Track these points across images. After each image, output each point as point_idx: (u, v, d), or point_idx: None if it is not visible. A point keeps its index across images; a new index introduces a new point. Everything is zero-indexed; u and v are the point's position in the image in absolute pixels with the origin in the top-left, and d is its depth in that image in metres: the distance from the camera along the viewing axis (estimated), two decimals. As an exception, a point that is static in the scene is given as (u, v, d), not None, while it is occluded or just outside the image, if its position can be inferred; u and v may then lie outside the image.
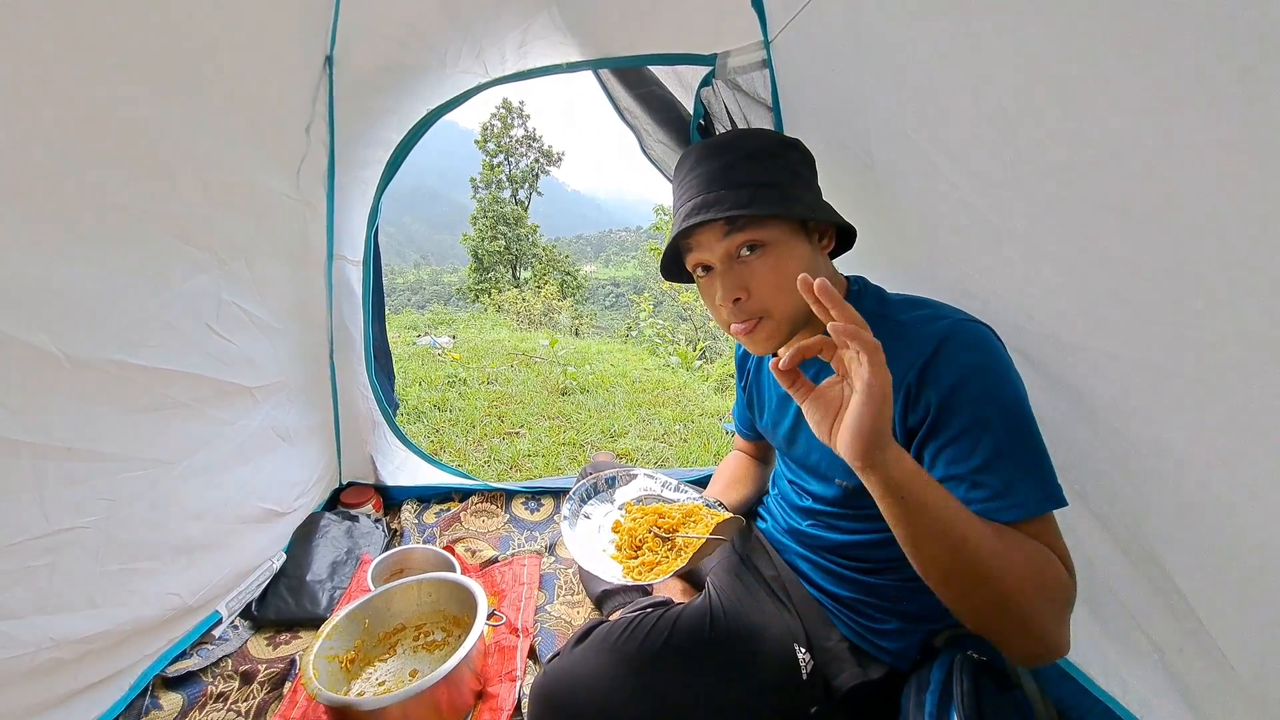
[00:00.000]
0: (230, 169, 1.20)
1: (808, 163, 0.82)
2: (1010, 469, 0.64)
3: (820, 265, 0.80)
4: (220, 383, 1.21)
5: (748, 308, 0.76)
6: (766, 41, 1.41)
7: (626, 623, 0.87)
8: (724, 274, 0.76)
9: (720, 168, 0.77)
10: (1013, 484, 0.63)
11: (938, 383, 0.67)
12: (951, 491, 0.63)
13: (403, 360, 4.49)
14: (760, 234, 0.74)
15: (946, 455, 0.67)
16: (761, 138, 0.80)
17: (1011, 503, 0.63)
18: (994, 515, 0.63)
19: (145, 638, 1.06)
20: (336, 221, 1.60)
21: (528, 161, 23.93)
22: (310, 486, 1.59)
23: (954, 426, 0.66)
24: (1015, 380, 0.68)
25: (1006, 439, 0.64)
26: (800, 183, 0.78)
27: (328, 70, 1.45)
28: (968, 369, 0.67)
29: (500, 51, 1.50)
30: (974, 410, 0.65)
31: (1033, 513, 0.63)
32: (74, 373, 0.88)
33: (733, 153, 0.78)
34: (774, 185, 0.75)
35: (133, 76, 0.95)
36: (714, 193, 0.75)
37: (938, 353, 0.68)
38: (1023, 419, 0.66)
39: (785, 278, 0.74)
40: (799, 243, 0.76)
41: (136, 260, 1.00)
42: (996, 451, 0.64)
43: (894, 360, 0.71)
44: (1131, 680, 0.82)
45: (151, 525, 1.06)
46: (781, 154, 0.79)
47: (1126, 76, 0.62)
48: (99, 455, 0.95)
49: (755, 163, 0.77)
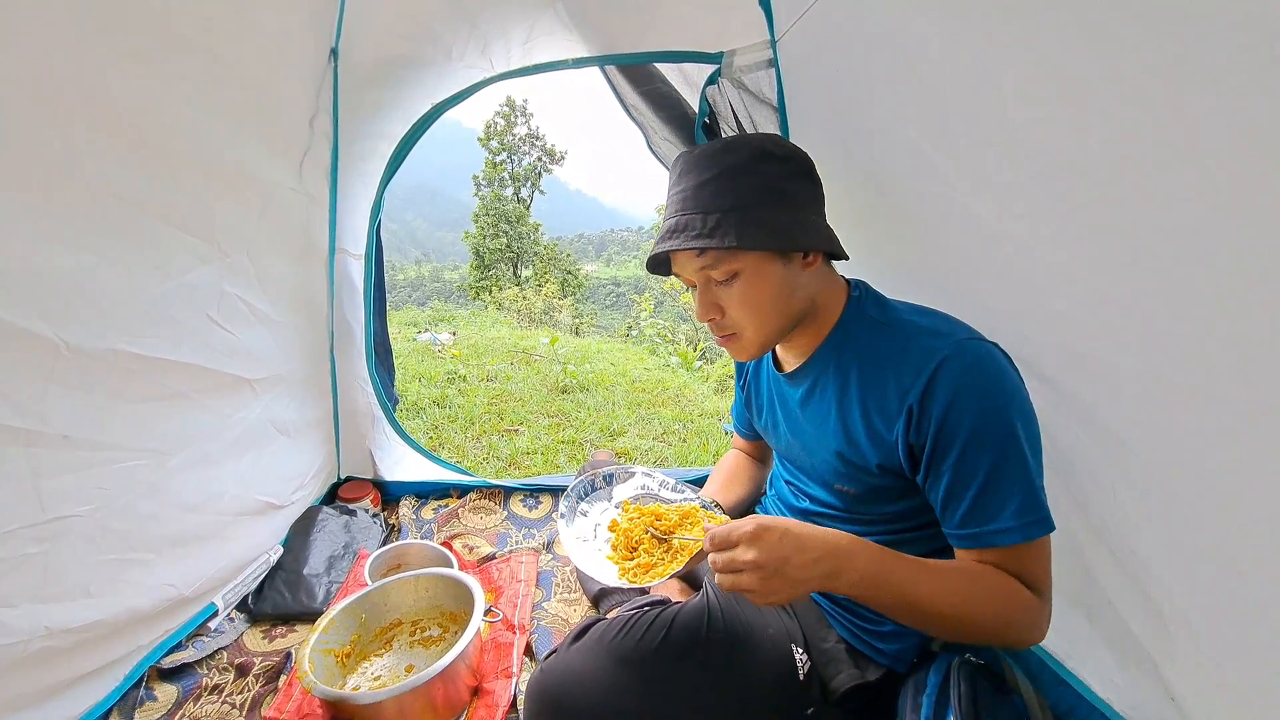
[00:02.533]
0: (233, 160, 1.19)
1: (792, 172, 0.76)
2: (999, 498, 0.67)
3: (800, 283, 0.77)
4: (220, 374, 1.20)
5: (723, 325, 0.79)
6: (773, 40, 1.41)
7: (623, 621, 0.86)
8: (700, 294, 0.79)
9: (694, 187, 0.75)
10: (1001, 512, 0.67)
11: (937, 406, 0.69)
12: (949, 514, 0.71)
13: (403, 356, 4.49)
14: (729, 264, 0.74)
15: (946, 480, 0.70)
16: (739, 151, 0.75)
17: (1000, 529, 0.67)
18: (984, 542, 0.68)
19: (140, 628, 1.06)
20: (339, 215, 1.59)
21: (530, 160, 23.91)
22: (308, 480, 1.58)
23: (951, 452, 0.68)
24: (1016, 404, 0.68)
25: (999, 466, 0.67)
26: (773, 201, 0.74)
27: (332, 63, 1.45)
28: (965, 393, 0.68)
29: (506, 46, 1.49)
30: (968, 436, 0.67)
31: (1018, 540, 0.67)
32: (72, 360, 0.88)
33: (709, 170, 0.75)
34: (741, 209, 0.72)
35: (136, 64, 0.95)
36: (685, 216, 0.75)
37: (938, 372, 0.69)
38: (1016, 445, 0.67)
39: (756, 304, 0.75)
40: (771, 267, 0.74)
41: (138, 250, 0.99)
42: (989, 479, 0.67)
43: (895, 377, 0.73)
44: (1126, 686, 0.82)
45: (148, 515, 1.05)
46: (756, 169, 0.74)
47: (1134, 79, 0.61)
48: (96, 444, 0.94)
49: (726, 182, 0.74)
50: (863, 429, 0.77)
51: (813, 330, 0.83)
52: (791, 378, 0.88)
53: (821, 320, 0.82)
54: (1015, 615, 0.67)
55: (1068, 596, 0.91)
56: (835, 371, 0.81)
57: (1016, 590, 0.67)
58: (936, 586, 0.67)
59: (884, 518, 0.82)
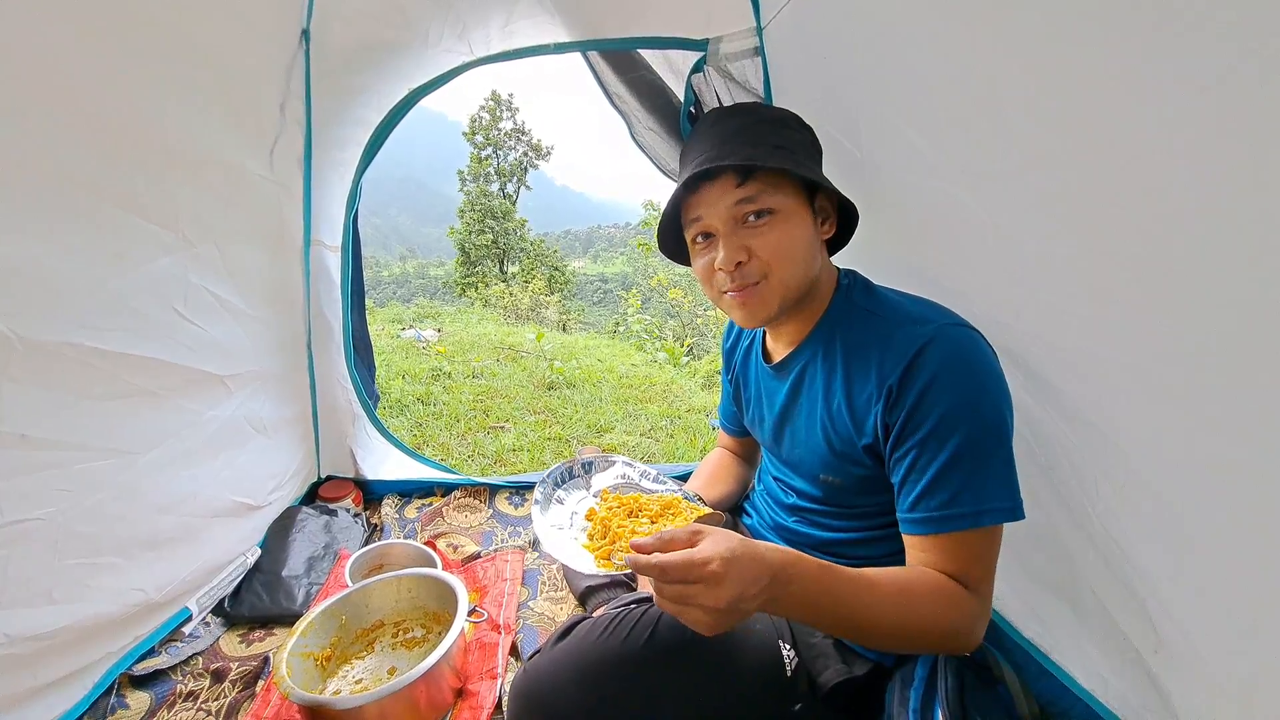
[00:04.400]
0: (198, 145, 1.14)
1: (815, 143, 0.83)
2: (961, 480, 0.66)
3: (818, 252, 0.79)
4: (189, 370, 1.16)
5: (748, 270, 0.76)
6: (759, 28, 1.39)
7: (609, 620, 0.85)
8: (728, 236, 0.76)
9: (738, 126, 0.77)
10: (960, 495, 0.65)
11: (915, 385, 0.68)
12: (904, 493, 0.70)
13: (386, 353, 4.42)
14: (770, 199, 0.74)
15: (910, 457, 0.69)
16: (774, 111, 0.81)
17: (955, 513, 0.66)
18: (936, 526, 0.67)
19: (108, 634, 1.02)
20: (314, 205, 1.55)
21: (516, 155, 23.70)
22: (287, 480, 1.54)
23: (919, 432, 0.68)
24: (992, 390, 0.68)
25: (966, 448, 0.66)
26: (809, 156, 0.79)
27: (304, 45, 1.40)
28: (942, 375, 0.67)
29: (485, 30, 1.46)
30: (939, 417, 0.67)
31: (971, 525, 0.65)
32: (27, 355, 0.84)
33: (753, 115, 0.79)
34: (787, 149, 0.75)
35: (92, 40, 0.90)
36: (729, 145, 0.75)
37: (919, 355, 0.69)
38: (988, 430, 0.66)
39: (791, 245, 0.75)
40: (805, 219, 0.76)
41: (95, 237, 0.95)
42: (953, 460, 0.66)
43: (879, 362, 0.72)
44: (1111, 678, 0.82)
45: (115, 518, 1.01)
46: (799, 130, 0.80)
47: (1124, 68, 0.61)
48: (56, 444, 0.90)
49: (775, 128, 0.77)
50: (847, 414, 0.77)
51: (803, 317, 0.83)
52: (779, 368, 0.88)
53: (813, 307, 0.82)
54: (954, 623, 0.66)
55: (1051, 588, 0.92)
56: (822, 359, 0.81)
57: (955, 595, 0.66)
58: (874, 602, 0.64)
59: (869, 510, 0.82)
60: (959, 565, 0.67)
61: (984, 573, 0.68)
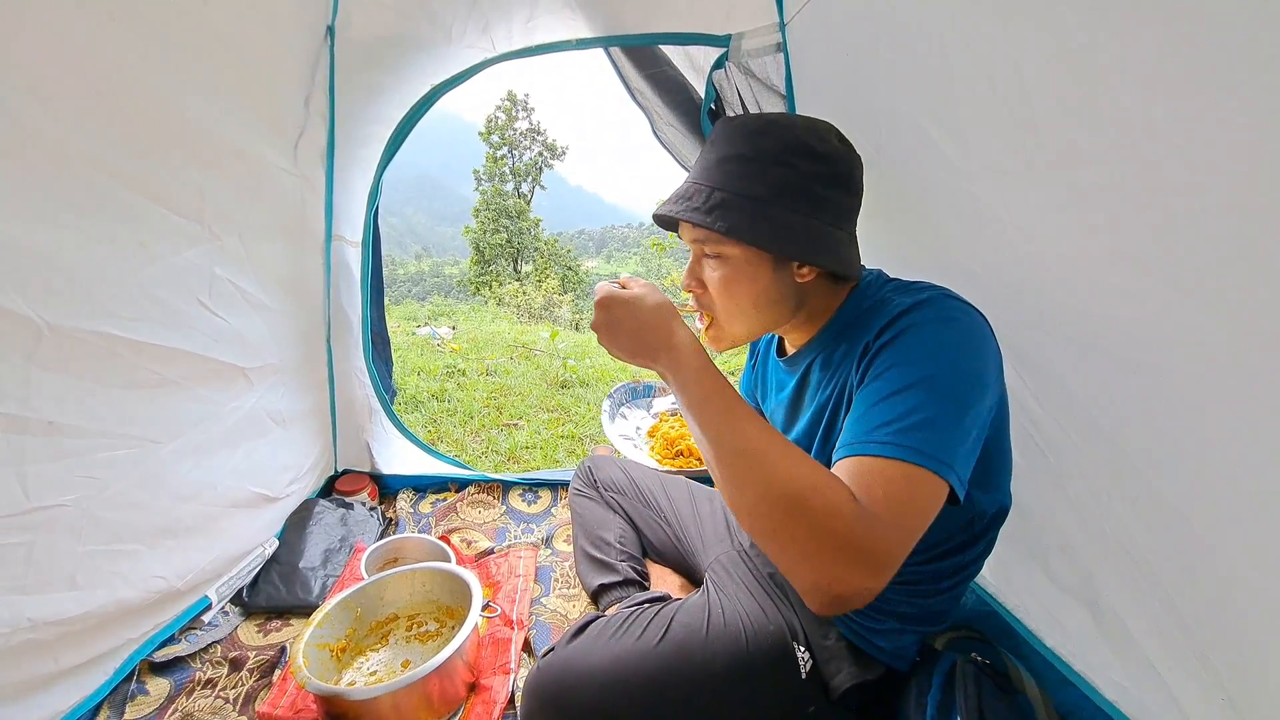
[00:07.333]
0: (224, 138, 1.15)
1: (827, 175, 0.69)
2: (898, 409, 0.58)
3: (789, 291, 0.73)
4: (212, 361, 1.17)
5: (701, 301, 0.78)
6: (782, 24, 1.37)
7: (623, 618, 0.85)
8: (691, 262, 0.78)
9: (718, 159, 0.72)
10: (890, 424, 0.57)
11: (887, 334, 0.65)
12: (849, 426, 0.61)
13: (402, 350, 4.46)
14: (719, 247, 0.72)
15: (862, 393, 0.63)
16: (780, 136, 0.69)
17: (876, 439, 0.57)
18: (849, 450, 0.59)
19: (129, 621, 1.04)
20: (335, 200, 1.56)
21: (531, 155, 23.85)
22: (304, 472, 1.55)
23: (878, 365, 0.63)
24: (969, 350, 0.62)
25: (918, 384, 0.59)
26: (791, 201, 0.68)
27: (329, 41, 1.41)
28: (920, 324, 0.64)
29: (508, 26, 1.46)
30: (902, 354, 0.62)
31: (892, 455, 0.56)
32: (56, 343, 0.85)
33: (740, 147, 0.70)
34: (753, 199, 0.68)
35: (120, 33, 0.91)
36: (697, 184, 0.73)
37: (901, 315, 0.65)
38: (957, 377, 0.60)
39: (733, 296, 0.74)
40: (760, 267, 0.70)
41: (123, 229, 0.96)
42: (899, 392, 0.59)
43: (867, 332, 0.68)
44: (1131, 687, 0.80)
45: (137, 506, 1.02)
46: (788, 162, 0.68)
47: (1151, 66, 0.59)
48: (83, 431, 0.91)
49: (751, 166, 0.69)
50: (843, 403, 0.73)
51: (808, 323, 0.80)
52: (789, 362, 0.86)
53: (816, 317, 0.79)
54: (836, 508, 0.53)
55: (1071, 593, 0.89)
56: (827, 356, 0.78)
57: (845, 495, 0.54)
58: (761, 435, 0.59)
59: None
60: (863, 486, 0.55)
61: (888, 507, 0.53)
